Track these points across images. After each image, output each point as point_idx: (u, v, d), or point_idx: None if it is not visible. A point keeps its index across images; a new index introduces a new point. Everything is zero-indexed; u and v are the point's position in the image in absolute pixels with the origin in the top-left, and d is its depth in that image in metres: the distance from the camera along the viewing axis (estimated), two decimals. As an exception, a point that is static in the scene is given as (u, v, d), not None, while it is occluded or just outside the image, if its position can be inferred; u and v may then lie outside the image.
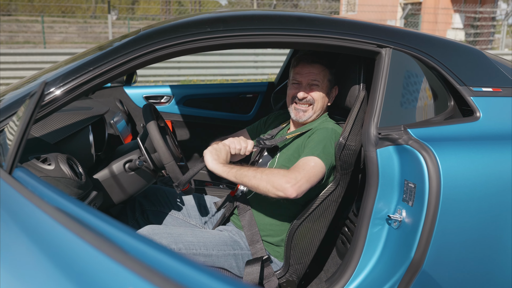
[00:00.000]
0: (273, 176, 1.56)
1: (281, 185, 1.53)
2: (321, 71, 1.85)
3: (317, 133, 1.77)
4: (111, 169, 1.75)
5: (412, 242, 1.49)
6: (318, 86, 1.84)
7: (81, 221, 0.76)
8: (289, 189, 1.52)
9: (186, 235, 1.71)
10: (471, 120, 1.65)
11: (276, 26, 1.58)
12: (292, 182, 1.53)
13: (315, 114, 1.87)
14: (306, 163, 1.62)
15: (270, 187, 1.55)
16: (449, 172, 1.46)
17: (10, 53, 9.45)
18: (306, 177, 1.56)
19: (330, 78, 1.88)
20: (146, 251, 0.70)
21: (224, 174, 1.63)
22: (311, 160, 1.63)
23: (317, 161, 1.63)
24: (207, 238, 1.74)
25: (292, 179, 1.54)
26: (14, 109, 1.36)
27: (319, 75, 1.85)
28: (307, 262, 1.84)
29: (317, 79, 1.84)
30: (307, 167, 1.60)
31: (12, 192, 0.93)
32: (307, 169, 1.59)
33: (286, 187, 1.52)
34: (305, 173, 1.57)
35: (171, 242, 1.65)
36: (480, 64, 1.75)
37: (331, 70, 1.88)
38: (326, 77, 1.86)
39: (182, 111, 3.06)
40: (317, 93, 1.85)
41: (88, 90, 1.44)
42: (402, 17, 13.34)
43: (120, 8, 20.81)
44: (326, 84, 1.87)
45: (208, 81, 10.46)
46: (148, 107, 1.80)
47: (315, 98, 1.85)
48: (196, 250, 1.68)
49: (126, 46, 1.45)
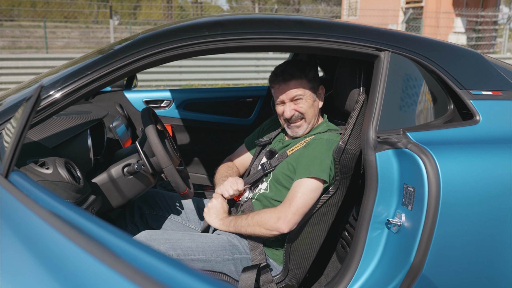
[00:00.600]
0: (263, 219, 1.67)
1: (272, 226, 1.65)
2: (299, 84, 1.80)
3: (312, 147, 1.75)
4: (110, 173, 1.74)
5: (412, 246, 1.48)
6: (301, 99, 1.81)
7: (77, 227, 0.76)
8: (280, 227, 1.64)
9: (184, 241, 1.70)
10: (470, 123, 1.64)
11: (274, 29, 1.57)
12: (281, 219, 1.64)
13: (311, 123, 1.86)
14: (294, 194, 1.67)
15: (264, 231, 1.67)
16: (449, 176, 1.45)
17: (12, 58, 9.49)
18: (293, 210, 1.65)
19: (310, 85, 1.82)
20: (143, 258, 0.70)
21: (225, 229, 1.78)
22: (301, 188, 1.67)
23: (311, 184, 1.67)
24: (205, 243, 1.73)
25: (280, 216, 1.64)
26: (11, 113, 1.36)
27: (299, 89, 1.80)
28: (307, 266, 1.83)
29: (298, 95, 1.80)
30: (293, 199, 1.66)
31: (8, 197, 0.93)
32: (294, 202, 1.66)
33: (277, 227, 1.64)
34: (292, 206, 1.65)
35: (169, 248, 1.65)
36: (480, 67, 1.75)
37: (308, 76, 1.82)
38: (306, 86, 1.81)
39: (182, 115, 3.06)
40: (303, 105, 1.81)
41: (86, 93, 1.44)
42: (404, 21, 13.37)
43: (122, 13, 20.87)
44: (309, 92, 1.82)
45: (210, 85, 10.47)
46: (147, 111, 1.80)
47: (303, 111, 1.82)
48: (195, 255, 1.67)
49: (124, 50, 1.45)
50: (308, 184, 1.67)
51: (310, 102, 1.83)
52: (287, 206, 1.65)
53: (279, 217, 1.64)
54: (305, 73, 1.81)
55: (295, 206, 1.65)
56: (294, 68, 1.82)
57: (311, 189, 1.67)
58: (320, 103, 1.88)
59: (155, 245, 1.65)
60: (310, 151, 1.74)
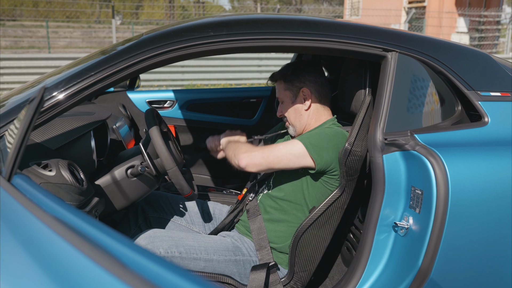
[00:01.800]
0: (238, 146, 1.74)
1: (237, 156, 1.67)
2: (278, 86, 1.88)
3: (319, 129, 1.78)
4: (113, 175, 1.72)
5: (420, 250, 1.46)
6: (283, 101, 1.87)
7: (80, 232, 0.74)
8: (240, 160, 1.65)
9: (187, 239, 1.70)
10: (479, 125, 1.62)
11: (279, 30, 1.55)
12: (246, 154, 1.66)
13: (297, 126, 1.85)
14: (274, 147, 1.70)
15: (232, 156, 1.71)
16: (457, 178, 1.43)
17: (15, 58, 9.49)
18: (263, 154, 1.66)
19: (287, 87, 1.85)
20: (147, 266, 0.68)
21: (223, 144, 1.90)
22: (285, 147, 1.68)
23: (296, 149, 1.67)
24: (208, 243, 1.72)
25: (248, 152, 1.67)
26: (14, 115, 1.34)
27: (278, 90, 1.88)
28: (312, 269, 1.81)
29: (279, 96, 1.88)
30: (270, 150, 1.68)
31: (10, 200, 0.91)
32: (267, 152, 1.67)
33: (239, 158, 1.66)
34: (263, 153, 1.66)
35: (172, 245, 1.64)
36: (488, 68, 1.72)
37: (286, 78, 1.85)
38: (282, 87, 1.86)
39: (185, 115, 3.04)
40: (284, 108, 1.87)
41: (90, 94, 1.42)
42: (406, 21, 13.34)
43: (124, 13, 20.88)
44: (286, 95, 1.85)
45: (212, 85, 10.46)
46: (150, 112, 1.78)
47: (286, 114, 1.87)
48: (197, 254, 1.66)
49: (128, 51, 1.44)
50: (295, 146, 1.67)
51: (288, 104, 1.85)
52: (262, 148, 1.69)
53: (247, 151, 1.67)
54: (284, 76, 1.85)
55: (268, 152, 1.67)
56: (280, 70, 1.90)
57: (294, 152, 1.66)
58: (304, 106, 1.83)
59: (158, 241, 1.64)
60: (315, 130, 1.80)
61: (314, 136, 1.70)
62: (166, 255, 1.61)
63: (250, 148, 1.70)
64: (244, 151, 1.67)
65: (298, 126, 1.85)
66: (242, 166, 1.64)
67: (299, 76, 1.84)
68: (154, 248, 1.62)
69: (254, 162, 1.64)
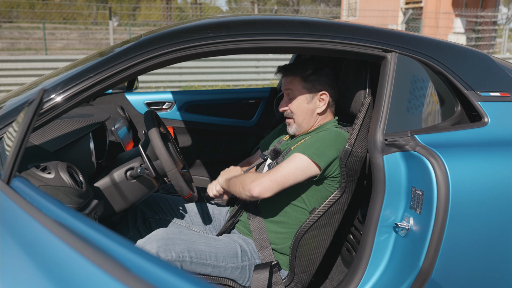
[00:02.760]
0: (245, 178, 1.67)
1: (247, 186, 1.62)
2: (292, 81, 1.79)
3: (318, 134, 1.73)
4: (112, 177, 1.71)
5: (421, 251, 1.45)
6: (293, 98, 1.80)
7: (80, 236, 0.73)
8: (252, 189, 1.60)
9: (199, 244, 1.68)
10: (479, 125, 1.62)
11: (279, 31, 1.55)
12: (256, 182, 1.61)
13: (301, 126, 1.82)
14: (281, 168, 1.65)
15: (241, 189, 1.65)
16: (458, 179, 1.43)
17: (11, 60, 9.46)
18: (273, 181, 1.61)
19: (305, 86, 1.78)
20: (149, 268, 0.67)
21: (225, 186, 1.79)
22: (291, 165, 1.64)
23: (302, 163, 1.63)
24: (218, 248, 1.71)
25: (257, 179, 1.62)
26: (12, 117, 1.33)
27: (291, 86, 1.79)
28: (313, 271, 1.80)
29: (290, 91, 1.80)
30: (278, 172, 1.63)
31: (10, 203, 0.90)
32: (276, 174, 1.62)
33: (250, 188, 1.61)
34: (273, 177, 1.62)
35: (184, 249, 1.63)
36: (488, 69, 1.72)
37: (306, 77, 1.78)
38: (299, 85, 1.78)
39: (184, 117, 3.04)
40: (293, 105, 1.79)
41: (88, 96, 1.41)
42: (404, 22, 13.36)
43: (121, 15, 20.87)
44: (301, 93, 1.78)
45: (210, 86, 10.45)
46: (149, 114, 1.77)
47: (293, 111, 1.80)
48: (207, 260, 1.65)
49: (127, 52, 1.43)
50: (299, 160, 1.63)
51: (301, 103, 1.79)
52: (269, 175, 1.63)
53: (255, 179, 1.61)
54: (302, 72, 1.78)
55: (275, 174, 1.61)
56: (295, 64, 1.82)
57: (300, 167, 1.63)
58: (319, 108, 1.81)
59: (171, 244, 1.62)
60: (315, 136, 1.73)
61: (314, 145, 1.66)
62: (177, 259, 1.60)
63: (255, 176, 1.65)
64: (251, 181, 1.62)
65: (303, 127, 1.82)
66: (255, 195, 1.60)
67: (321, 78, 1.80)
68: (166, 252, 1.59)
69: (265, 188, 1.60)
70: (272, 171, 1.64)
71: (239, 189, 1.66)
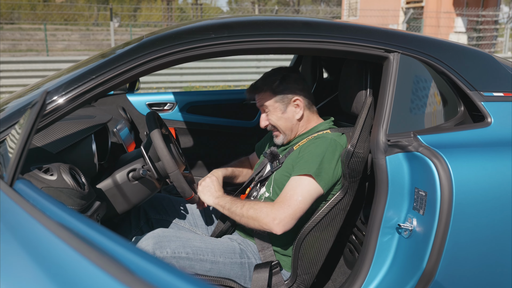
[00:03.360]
0: (260, 215, 1.60)
1: (267, 225, 1.58)
2: (262, 97, 1.80)
3: (315, 144, 1.70)
4: (115, 179, 1.71)
5: (424, 252, 1.45)
6: (269, 111, 1.81)
7: (83, 238, 0.73)
8: (275, 228, 1.57)
9: (195, 240, 1.69)
10: (482, 125, 1.61)
11: (281, 31, 1.55)
12: (277, 221, 1.57)
13: (291, 133, 1.82)
14: (294, 195, 1.60)
15: (258, 226, 1.61)
16: (461, 180, 1.42)
17: (13, 61, 9.48)
18: (292, 215, 1.58)
19: (276, 98, 1.78)
20: (150, 270, 0.67)
21: (220, 209, 1.73)
22: (301, 189, 1.60)
23: (309, 185, 1.61)
24: (215, 245, 1.72)
25: (277, 217, 1.57)
26: (15, 119, 1.33)
27: (263, 101, 1.80)
28: (315, 272, 1.80)
29: (263, 106, 1.81)
30: (293, 202, 1.59)
31: (13, 206, 0.90)
32: (293, 206, 1.58)
33: (272, 227, 1.58)
34: (291, 210, 1.58)
35: (179, 245, 1.63)
36: (491, 68, 1.72)
37: (275, 89, 1.78)
38: (270, 99, 1.78)
39: (185, 118, 3.04)
40: (272, 118, 1.80)
41: (91, 98, 1.41)
42: (404, 21, 13.35)
43: (122, 16, 20.90)
44: (274, 106, 1.79)
45: (211, 87, 10.45)
46: (151, 115, 1.77)
47: (274, 124, 1.81)
48: (204, 256, 1.65)
49: (129, 54, 1.42)
50: (308, 187, 1.61)
51: (277, 114, 1.79)
52: (286, 207, 1.58)
53: (275, 218, 1.57)
54: (270, 85, 1.79)
55: (294, 209, 1.58)
56: (261, 80, 1.83)
57: (311, 194, 1.61)
58: (297, 115, 1.80)
59: (166, 241, 1.63)
60: (313, 147, 1.69)
61: (315, 161, 1.63)
62: (173, 255, 1.61)
63: (272, 211, 1.58)
64: (271, 220, 1.57)
65: (289, 134, 1.83)
66: (280, 233, 1.58)
67: (289, 86, 1.79)
68: (161, 248, 1.60)
69: (288, 227, 1.58)
70: (285, 203, 1.59)
71: (254, 225, 1.62)
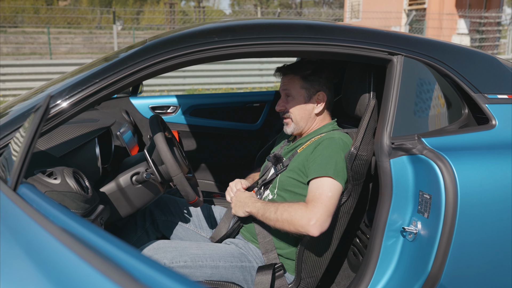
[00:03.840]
0: (295, 217, 1.55)
1: (304, 227, 1.52)
2: (291, 80, 1.79)
3: (324, 145, 1.68)
4: (118, 182, 1.71)
5: (429, 255, 1.44)
6: (291, 96, 1.79)
7: (86, 243, 0.73)
8: (311, 230, 1.52)
9: (191, 248, 1.69)
10: (486, 128, 1.60)
11: (284, 34, 1.54)
12: (313, 221, 1.51)
13: (300, 126, 1.81)
14: (323, 193, 1.56)
15: (293, 229, 1.56)
16: (466, 182, 1.41)
17: (16, 65, 9.52)
18: (327, 212, 1.54)
19: (304, 85, 1.78)
20: (154, 276, 0.67)
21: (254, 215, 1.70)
22: (327, 186, 1.58)
23: (333, 184, 1.59)
24: (213, 250, 1.71)
25: (313, 218, 1.52)
26: (19, 123, 1.33)
27: (289, 85, 1.79)
28: (319, 275, 1.79)
29: (288, 90, 1.79)
30: (324, 198, 1.55)
31: (16, 210, 0.90)
32: (326, 202, 1.55)
33: (308, 229, 1.52)
34: (325, 207, 1.54)
35: (176, 255, 1.63)
36: (495, 71, 1.71)
37: (306, 77, 1.78)
38: (297, 85, 1.78)
39: (188, 121, 3.04)
40: (291, 104, 1.79)
41: (94, 102, 1.41)
42: (407, 23, 13.33)
43: (125, 19, 20.94)
44: (300, 93, 1.78)
45: (213, 89, 10.46)
46: (155, 119, 1.77)
47: (290, 110, 1.79)
48: (202, 261, 1.65)
49: (133, 57, 1.43)
50: (331, 185, 1.59)
51: (299, 102, 1.79)
52: (319, 205, 1.53)
53: (311, 219, 1.51)
54: (302, 72, 1.79)
55: (327, 206, 1.54)
56: (295, 64, 1.83)
57: (338, 190, 1.59)
58: (316, 109, 1.81)
59: (162, 253, 1.63)
60: (322, 149, 1.67)
61: (331, 161, 1.62)
62: (171, 265, 1.60)
63: (307, 212, 1.53)
64: (307, 221, 1.52)
65: (300, 127, 1.81)
66: (317, 234, 1.53)
67: (320, 79, 1.80)
68: (158, 260, 1.60)
69: (325, 227, 1.53)
70: (321, 202, 1.55)
71: (289, 229, 1.57)
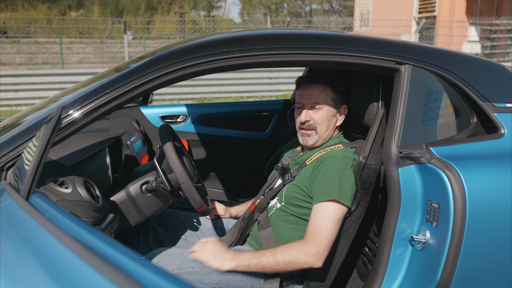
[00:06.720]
0: (296, 257, 1.55)
1: (308, 264, 1.55)
2: (322, 91, 1.77)
3: (327, 165, 1.68)
4: (128, 191, 1.73)
5: (438, 265, 1.43)
6: (320, 108, 1.77)
7: (98, 252, 0.74)
8: (316, 264, 1.55)
9: None
10: (495, 137, 1.60)
11: (293, 45, 1.56)
12: (316, 256, 1.54)
13: (322, 138, 1.80)
14: (322, 226, 1.57)
15: (296, 267, 1.57)
16: (475, 191, 1.41)
17: (30, 74, 9.68)
18: (328, 244, 1.57)
19: (334, 97, 1.79)
20: (164, 285, 0.68)
21: (244, 269, 1.57)
22: (327, 218, 1.58)
23: (336, 209, 1.60)
24: None
25: (315, 253, 1.54)
26: (31, 133, 1.36)
27: (320, 96, 1.77)
28: (328, 284, 1.79)
29: (318, 101, 1.77)
30: (324, 232, 1.57)
31: (29, 220, 0.92)
32: (325, 236, 1.57)
33: (313, 264, 1.55)
34: (325, 241, 1.56)
35: (184, 261, 1.63)
36: (503, 79, 1.71)
37: (335, 89, 1.79)
38: (328, 97, 1.78)
39: (198, 130, 3.06)
40: (320, 116, 1.77)
41: (105, 112, 1.43)
42: (417, 31, 13.30)
43: (136, 28, 21.19)
44: (330, 105, 1.78)
45: (223, 98, 10.51)
46: (164, 128, 1.79)
47: (318, 122, 1.77)
48: (210, 268, 1.64)
49: (143, 68, 1.45)
50: (334, 212, 1.59)
51: (328, 114, 1.79)
52: (320, 240, 1.56)
53: (313, 254, 1.54)
54: (332, 84, 1.79)
55: (327, 240, 1.56)
56: (324, 75, 1.81)
57: (339, 218, 1.61)
58: (338, 121, 1.83)
59: (170, 259, 1.64)
60: (325, 169, 1.67)
61: (334, 182, 1.62)
62: (179, 271, 1.61)
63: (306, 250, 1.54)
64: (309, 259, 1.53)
65: (323, 138, 1.81)
66: (321, 266, 1.56)
67: (343, 92, 1.82)
68: (166, 266, 1.61)
69: (325, 254, 1.56)
70: (320, 236, 1.56)
71: (293, 268, 1.56)
